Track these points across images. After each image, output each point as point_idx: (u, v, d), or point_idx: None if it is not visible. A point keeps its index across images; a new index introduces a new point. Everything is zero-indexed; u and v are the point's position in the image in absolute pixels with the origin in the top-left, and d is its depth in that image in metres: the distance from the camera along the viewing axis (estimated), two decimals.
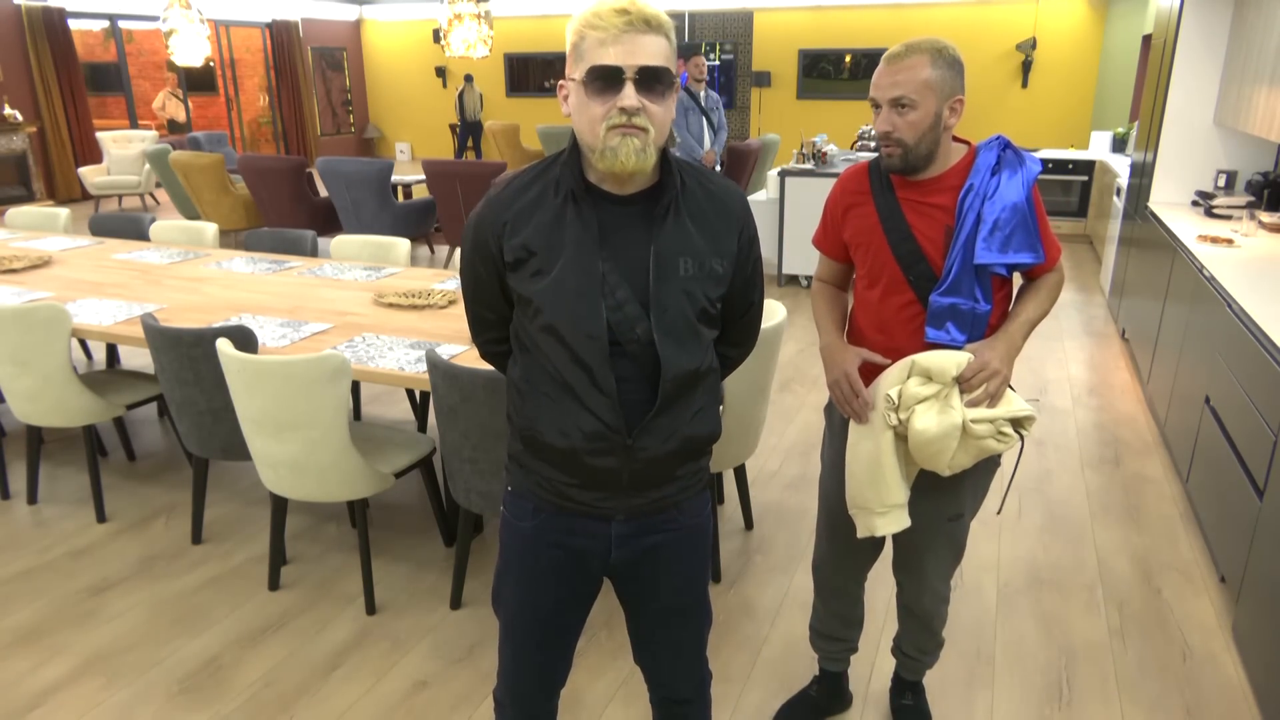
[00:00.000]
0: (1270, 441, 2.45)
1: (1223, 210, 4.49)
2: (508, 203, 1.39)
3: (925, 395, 1.68)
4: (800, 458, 3.84)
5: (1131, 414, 4.30)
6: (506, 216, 1.38)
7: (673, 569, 1.55)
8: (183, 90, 12.99)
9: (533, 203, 1.38)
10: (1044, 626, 2.69)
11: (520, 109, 14.45)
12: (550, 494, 1.47)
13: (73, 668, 2.50)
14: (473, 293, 1.50)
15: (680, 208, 1.38)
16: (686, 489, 1.50)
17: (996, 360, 1.69)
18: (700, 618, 1.62)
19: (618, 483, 1.42)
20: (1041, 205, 1.77)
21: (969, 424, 1.66)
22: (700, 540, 1.57)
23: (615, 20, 1.25)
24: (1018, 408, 1.69)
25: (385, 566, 3.01)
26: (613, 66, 1.25)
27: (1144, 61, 8.81)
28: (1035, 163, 1.75)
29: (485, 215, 1.41)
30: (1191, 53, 4.73)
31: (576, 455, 1.40)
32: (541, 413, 1.41)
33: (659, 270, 1.35)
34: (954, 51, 1.68)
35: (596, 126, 1.28)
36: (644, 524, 1.48)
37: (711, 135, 6.69)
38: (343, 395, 2.52)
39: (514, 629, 1.58)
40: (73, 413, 3.18)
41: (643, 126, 1.27)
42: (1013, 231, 1.71)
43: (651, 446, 1.40)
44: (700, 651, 1.66)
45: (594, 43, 1.27)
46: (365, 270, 3.90)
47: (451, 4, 7.60)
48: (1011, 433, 1.69)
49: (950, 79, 1.66)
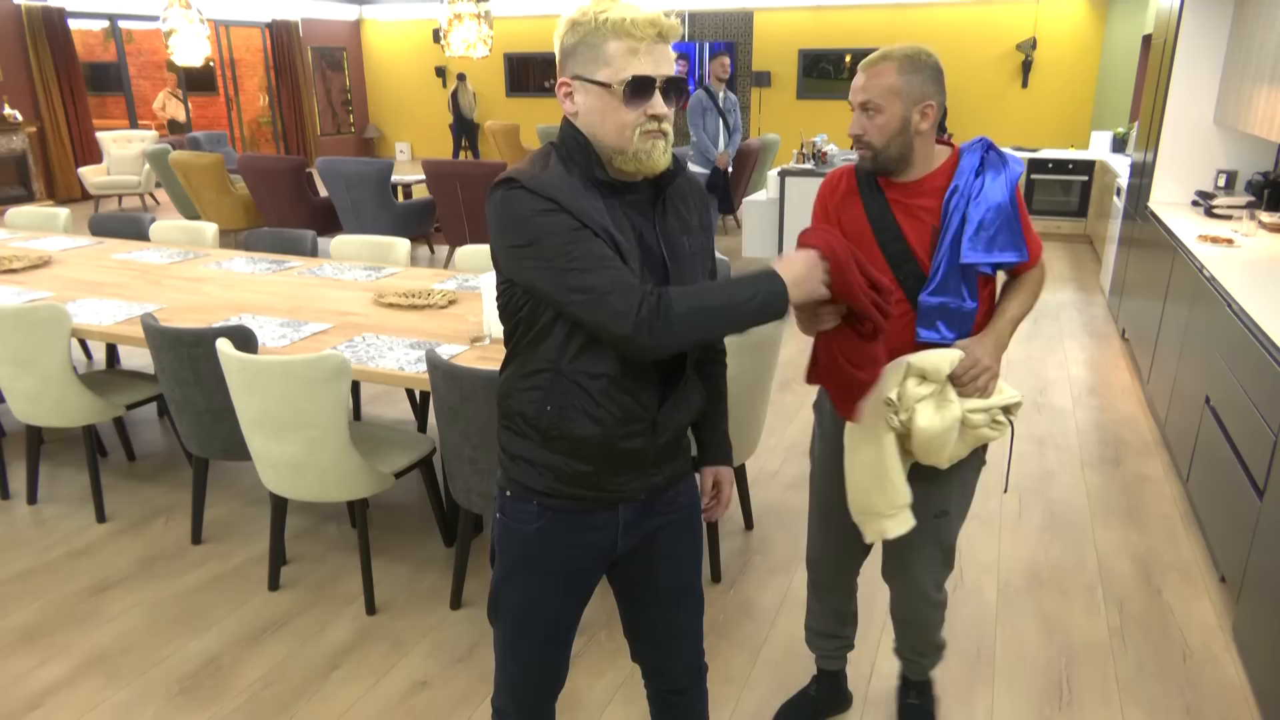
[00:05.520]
0: (1270, 441, 2.45)
1: (1223, 210, 4.49)
2: (552, 185, 1.33)
3: (924, 395, 1.73)
4: (800, 458, 3.84)
5: (1131, 414, 4.30)
6: (561, 198, 1.32)
7: (672, 552, 1.61)
8: (183, 90, 12.99)
9: (573, 190, 1.35)
10: (1044, 627, 2.69)
11: (520, 109, 14.45)
12: (568, 485, 1.45)
13: (73, 668, 2.50)
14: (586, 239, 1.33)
15: (671, 193, 1.48)
16: (686, 461, 1.60)
17: (986, 356, 1.75)
18: (695, 600, 1.69)
19: (644, 461, 1.48)
20: (1024, 204, 1.82)
21: (967, 415, 1.73)
22: (695, 521, 1.65)
23: (648, 31, 1.33)
24: (1008, 395, 1.78)
25: (385, 566, 3.01)
26: (650, 76, 1.34)
27: (1144, 61, 8.81)
28: (1018, 164, 1.80)
29: (539, 188, 1.32)
30: (1191, 53, 4.73)
31: (609, 441, 1.43)
32: (570, 401, 1.40)
33: (671, 250, 1.44)
34: (928, 58, 1.72)
35: (627, 131, 1.35)
36: (650, 505, 1.54)
37: (726, 136, 6.68)
38: (343, 395, 2.52)
39: (518, 637, 1.57)
40: (73, 413, 3.18)
41: (666, 131, 1.38)
42: (997, 231, 1.75)
43: (672, 419, 1.48)
44: (697, 638, 1.71)
45: (624, 50, 1.32)
46: (365, 270, 3.90)
47: (451, 4, 7.60)
48: (1003, 419, 1.79)
49: (919, 85, 1.71)
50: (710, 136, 6.58)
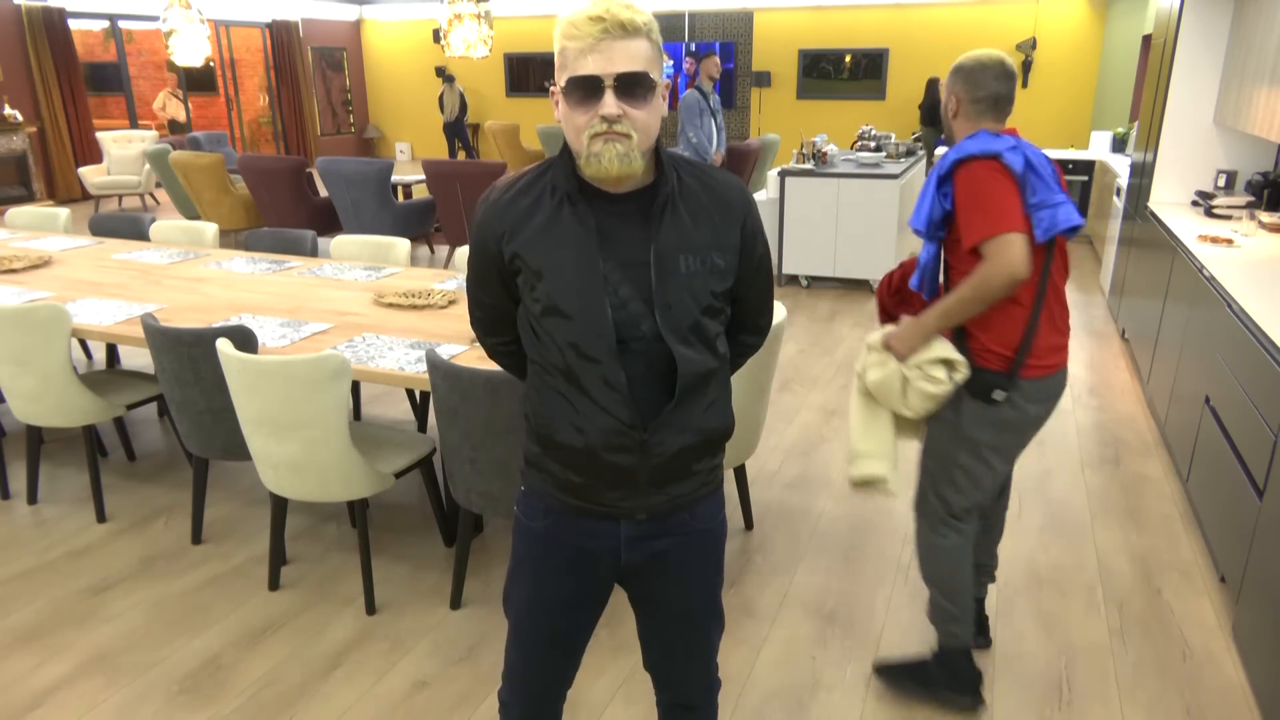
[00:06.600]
0: (1270, 441, 2.45)
1: (1223, 210, 4.49)
2: (504, 209, 1.40)
3: (871, 360, 2.27)
4: (800, 458, 3.84)
5: (1131, 414, 4.31)
6: (504, 225, 1.39)
7: (683, 574, 1.54)
8: (183, 90, 12.99)
9: (530, 207, 1.38)
10: (1044, 626, 2.69)
11: (520, 109, 14.45)
12: (566, 494, 1.46)
13: (73, 668, 2.50)
14: (479, 295, 1.51)
15: (677, 204, 1.38)
16: (704, 485, 1.50)
17: (894, 337, 2.20)
18: (710, 623, 1.61)
19: (635, 480, 1.42)
20: (973, 193, 2.04)
21: (903, 371, 2.20)
22: (712, 545, 1.56)
23: (591, 29, 1.25)
24: (939, 351, 2.15)
25: (385, 566, 3.01)
26: (590, 76, 1.26)
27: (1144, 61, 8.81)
28: (956, 152, 2.09)
29: (485, 222, 1.42)
30: (1191, 53, 4.73)
31: (594, 453, 1.40)
32: (557, 411, 1.41)
33: (660, 268, 1.35)
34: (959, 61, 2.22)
35: (580, 135, 1.29)
36: (655, 526, 1.48)
37: (721, 137, 6.71)
38: (343, 395, 2.52)
39: (523, 628, 1.58)
40: (73, 413, 3.18)
41: (625, 133, 1.28)
42: (917, 205, 2.19)
43: (667, 441, 1.41)
44: (710, 657, 1.65)
45: (574, 52, 1.27)
46: (365, 270, 3.90)
47: (451, 4, 7.60)
48: (941, 375, 2.15)
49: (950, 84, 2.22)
50: (705, 137, 6.59)
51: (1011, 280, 1.97)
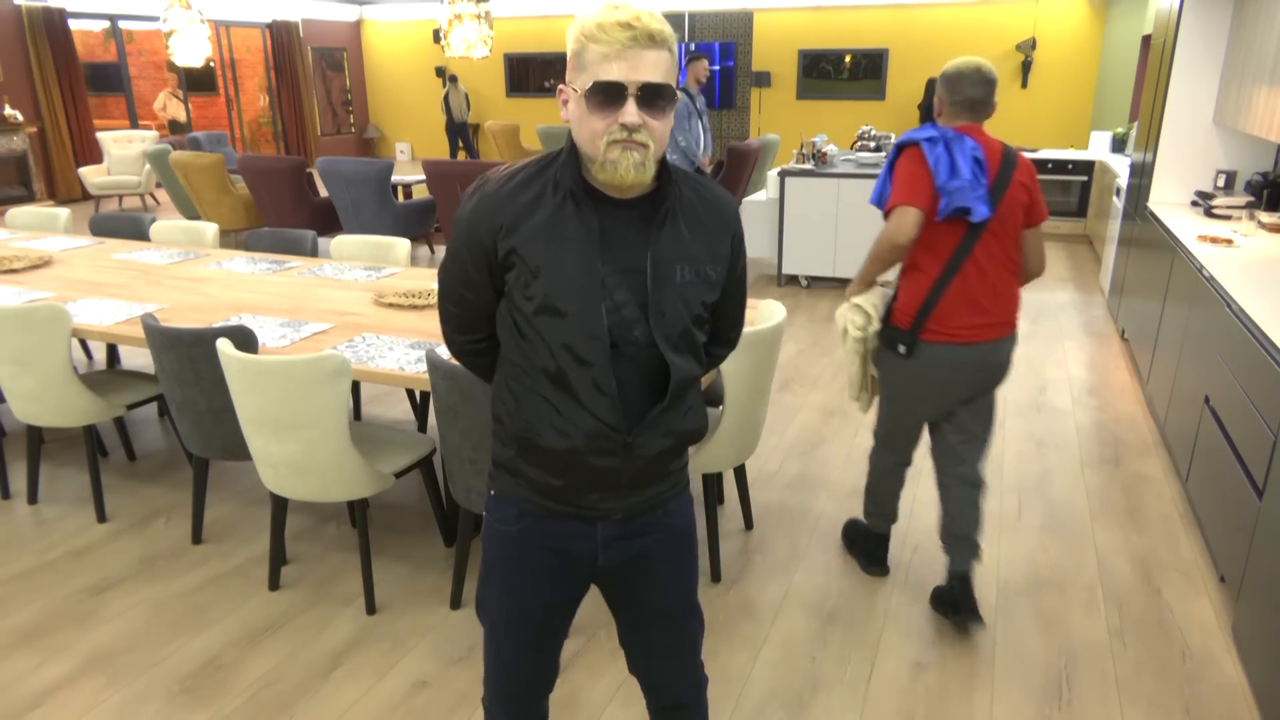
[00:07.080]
0: (1270, 441, 2.45)
1: (1222, 210, 4.49)
2: (505, 201, 1.37)
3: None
4: (800, 458, 3.84)
5: (1131, 414, 4.31)
6: (503, 218, 1.36)
7: (660, 572, 1.55)
8: (183, 90, 12.99)
9: (531, 202, 1.36)
10: (1044, 627, 2.69)
11: (520, 109, 14.45)
12: (541, 497, 1.46)
13: (73, 668, 2.50)
14: (460, 290, 1.46)
15: (677, 215, 1.39)
16: (676, 484, 1.53)
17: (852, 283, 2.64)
18: (690, 620, 1.62)
19: (618, 482, 1.43)
20: (900, 170, 2.41)
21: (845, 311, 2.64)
22: (686, 541, 1.58)
23: (620, 35, 1.25)
24: (862, 300, 2.57)
25: (385, 566, 3.01)
26: (616, 83, 1.26)
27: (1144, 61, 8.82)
28: (906, 137, 2.43)
29: (480, 212, 1.38)
30: (1191, 53, 4.73)
31: (578, 456, 1.40)
32: (540, 415, 1.40)
33: (656, 276, 1.36)
34: None
35: (597, 140, 1.29)
36: (631, 526, 1.49)
37: (708, 140, 6.74)
38: (343, 395, 2.52)
39: (501, 633, 1.57)
40: (73, 413, 3.18)
41: (643, 142, 1.28)
42: (877, 183, 2.53)
43: (650, 444, 1.42)
44: (694, 655, 1.65)
45: (597, 56, 1.26)
46: (365, 270, 3.90)
47: (451, 4, 7.61)
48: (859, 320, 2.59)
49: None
50: (693, 140, 6.61)
51: (893, 244, 2.36)
